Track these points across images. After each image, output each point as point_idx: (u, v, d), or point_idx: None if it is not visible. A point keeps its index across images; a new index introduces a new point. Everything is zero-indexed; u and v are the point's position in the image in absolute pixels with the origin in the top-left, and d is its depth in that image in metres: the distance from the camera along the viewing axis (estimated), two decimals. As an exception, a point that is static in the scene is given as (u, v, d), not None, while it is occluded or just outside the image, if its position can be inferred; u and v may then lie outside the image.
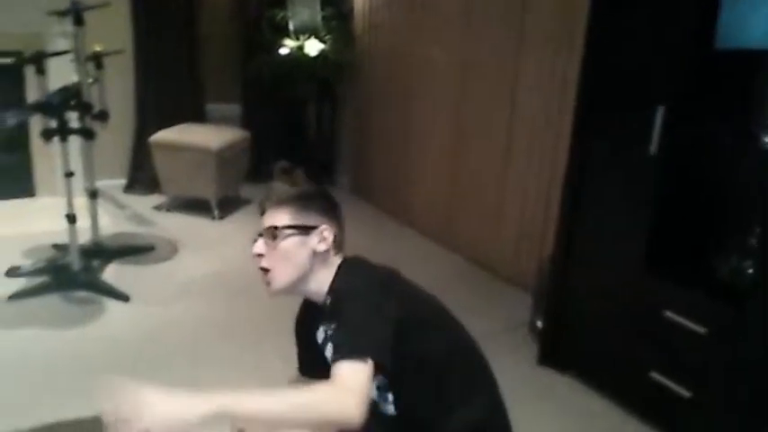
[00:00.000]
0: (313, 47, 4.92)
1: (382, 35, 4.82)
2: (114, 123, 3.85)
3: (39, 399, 2.55)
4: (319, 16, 5.03)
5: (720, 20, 2.20)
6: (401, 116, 4.65)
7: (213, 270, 3.80)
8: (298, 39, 4.95)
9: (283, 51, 4.96)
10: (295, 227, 1.71)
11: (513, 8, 3.57)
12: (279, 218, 1.72)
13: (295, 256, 1.70)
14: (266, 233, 1.70)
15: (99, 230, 3.86)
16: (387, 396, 1.68)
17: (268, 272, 1.69)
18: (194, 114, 5.19)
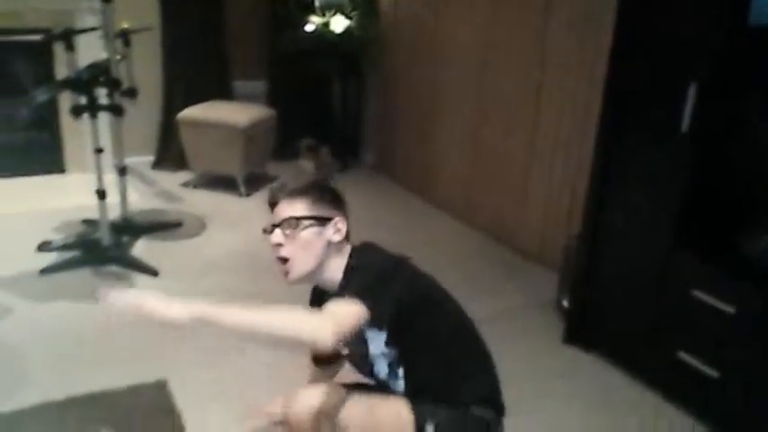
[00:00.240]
0: (339, 23, 4.90)
1: (407, 11, 4.78)
2: (142, 100, 3.88)
3: (69, 370, 2.61)
4: (345, -8, 5.00)
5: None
6: (425, 93, 4.63)
7: (240, 246, 3.83)
8: (323, 15, 4.93)
9: (309, 28, 4.94)
10: (313, 217, 1.77)
11: (542, -18, 3.52)
12: (296, 209, 1.77)
13: (313, 246, 1.76)
14: (285, 224, 1.75)
15: (128, 206, 3.92)
16: (397, 372, 1.76)
17: (286, 261, 1.75)
18: (221, 91, 5.20)
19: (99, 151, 3.47)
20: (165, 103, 5.14)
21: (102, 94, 3.46)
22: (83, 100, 3.37)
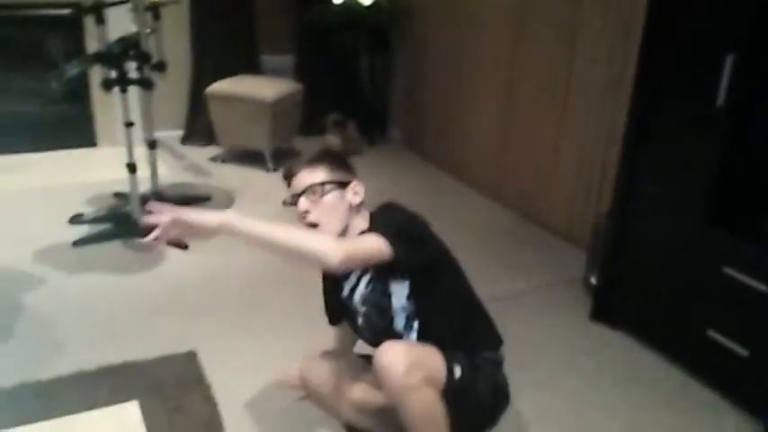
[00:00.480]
0: (367, -4, 4.87)
1: (437, -16, 4.73)
2: (171, 74, 3.89)
3: (101, 341, 2.66)
4: (374, -36, 4.95)
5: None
6: (455, 67, 4.58)
7: (269, 219, 3.85)
8: (352, -13, 4.89)
9: (337, 1, 4.91)
10: (334, 182, 1.91)
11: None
12: (316, 176, 1.92)
13: (337, 209, 1.90)
14: (309, 191, 1.89)
15: (158, 180, 3.95)
16: (413, 324, 1.87)
17: (315, 227, 1.87)
18: (249, 66, 5.20)
19: (129, 125, 3.50)
20: (194, 78, 5.15)
21: (131, 68, 3.48)
22: (113, 74, 3.39)
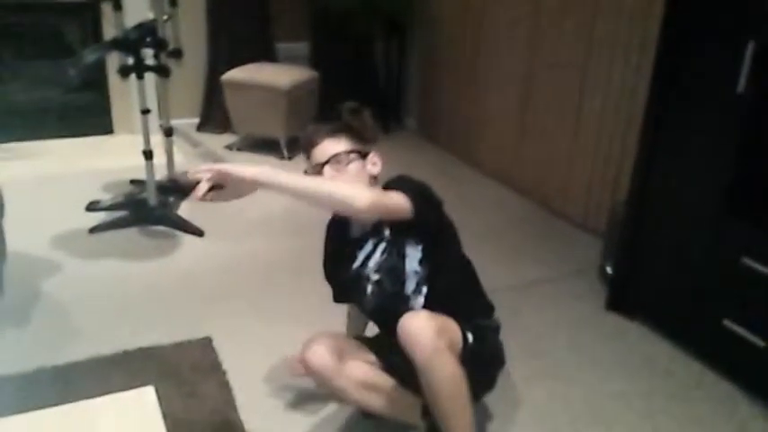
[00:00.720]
0: (383, -18, 4.84)
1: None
2: (187, 61, 3.90)
3: (117, 326, 2.68)
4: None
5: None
6: (470, 55, 4.55)
7: (284, 208, 3.86)
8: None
9: (352, -13, 4.89)
10: (357, 151, 1.96)
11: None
12: (339, 146, 1.96)
13: (360, 178, 1.94)
14: (334, 160, 1.92)
15: (174, 167, 3.97)
16: (422, 289, 1.92)
17: None
18: (264, 53, 5.20)
19: (146, 112, 3.51)
20: (210, 65, 5.16)
21: (148, 55, 3.49)
22: (130, 61, 3.40)
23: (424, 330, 1.70)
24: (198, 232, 3.49)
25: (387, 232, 1.94)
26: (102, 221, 3.53)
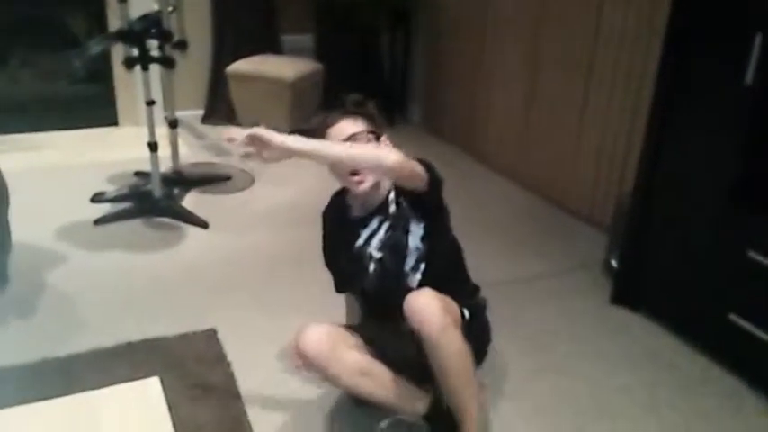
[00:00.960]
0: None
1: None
2: (192, 53, 3.90)
3: (121, 318, 2.68)
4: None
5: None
6: (475, 48, 4.52)
7: (288, 200, 3.86)
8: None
9: (358, -22, 4.87)
10: (373, 131, 2.04)
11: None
12: (356, 126, 2.02)
13: None
14: (352, 139, 1.99)
15: (179, 159, 3.96)
16: (420, 266, 2.02)
17: (357, 174, 1.96)
18: (269, 45, 5.18)
19: (151, 103, 3.50)
20: (215, 57, 5.15)
21: (153, 47, 3.48)
22: (134, 52, 3.40)
23: (432, 308, 1.77)
24: (202, 224, 3.49)
25: (392, 208, 2.03)
26: (106, 213, 3.53)
